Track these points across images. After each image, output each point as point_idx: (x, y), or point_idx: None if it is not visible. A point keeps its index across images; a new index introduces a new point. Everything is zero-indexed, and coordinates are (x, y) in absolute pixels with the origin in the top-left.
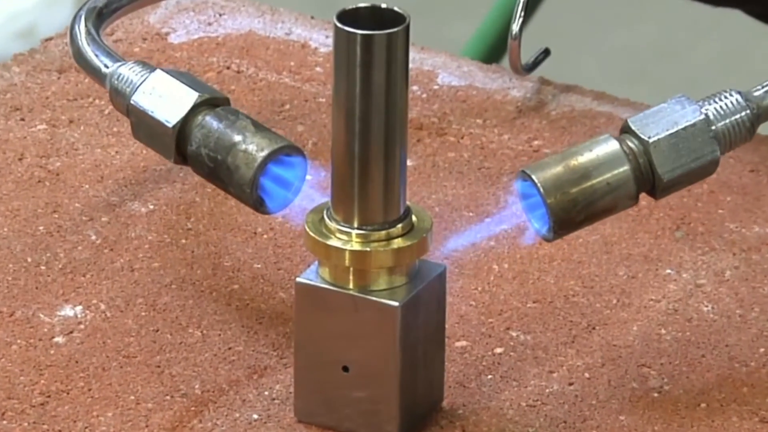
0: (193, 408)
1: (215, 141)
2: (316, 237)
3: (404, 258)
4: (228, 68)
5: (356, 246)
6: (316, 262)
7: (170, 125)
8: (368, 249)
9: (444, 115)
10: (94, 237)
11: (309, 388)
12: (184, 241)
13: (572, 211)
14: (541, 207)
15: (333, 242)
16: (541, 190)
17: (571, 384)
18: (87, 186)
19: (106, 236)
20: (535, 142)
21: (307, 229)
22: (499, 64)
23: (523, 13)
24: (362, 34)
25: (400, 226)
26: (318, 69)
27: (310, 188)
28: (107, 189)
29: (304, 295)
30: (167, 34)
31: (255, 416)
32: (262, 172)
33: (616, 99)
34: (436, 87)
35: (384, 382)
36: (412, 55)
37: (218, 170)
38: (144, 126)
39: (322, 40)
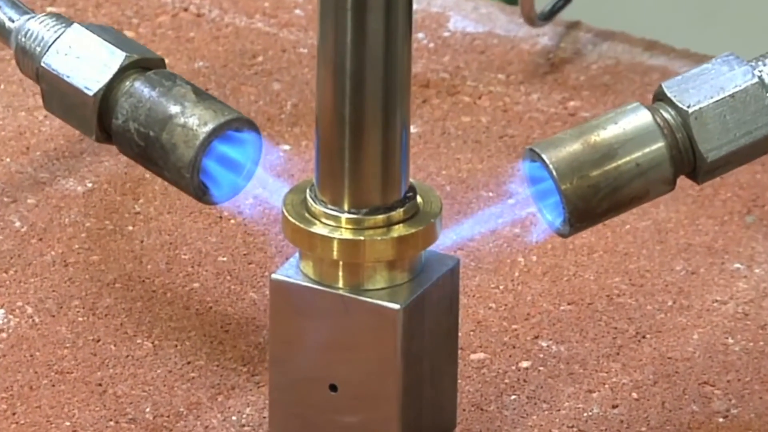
0: None
1: (147, 113)
2: (297, 223)
3: (407, 249)
4: (185, 10)
5: (347, 234)
6: (297, 255)
7: (91, 93)
8: (362, 238)
9: (457, 69)
10: (18, 223)
11: (288, 412)
12: (130, 228)
13: (593, 200)
14: (554, 194)
15: (318, 229)
16: (554, 173)
17: (615, 407)
18: (8, 159)
19: (33, 222)
20: (571, 104)
21: (286, 213)
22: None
23: None
24: None
25: (401, 209)
26: (298, 12)
27: (266, 172)
28: (34, 163)
29: (282, 296)
30: None
31: None
32: (205, 152)
33: (672, 49)
34: (446, 34)
35: (381, 405)
36: None
37: (150, 150)
38: (58, 94)
39: None
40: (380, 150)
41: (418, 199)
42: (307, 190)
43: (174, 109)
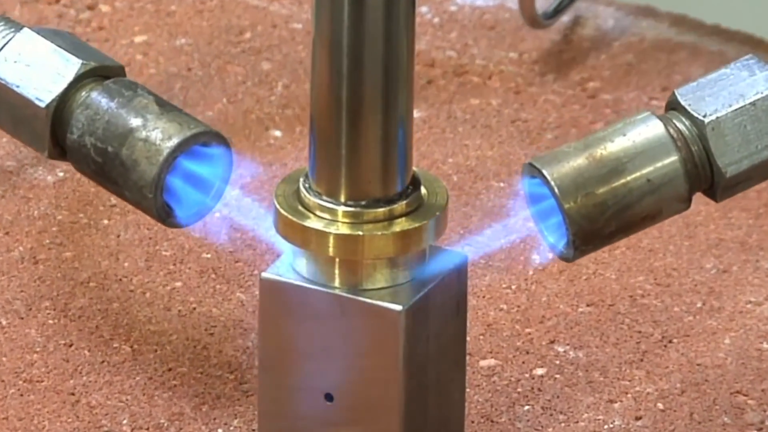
0: None
1: (105, 126)
2: (289, 216)
3: (409, 245)
4: None
5: (344, 229)
6: (289, 251)
7: (42, 105)
8: (360, 233)
9: (465, 47)
10: None
11: (279, 424)
12: (106, 221)
13: (599, 220)
14: (556, 214)
15: (312, 223)
16: (556, 190)
17: (638, 418)
18: None
19: None
20: (591, 85)
21: (277, 206)
22: None
23: None
24: None
25: (403, 201)
26: None
27: (238, 191)
28: None
29: (272, 297)
30: None
31: None
32: (169, 170)
33: (701, 25)
34: (453, 8)
35: (381, 417)
36: None
37: (109, 167)
38: (6, 106)
39: None
40: (380, 136)
41: (422, 190)
42: (301, 181)
43: (135, 121)
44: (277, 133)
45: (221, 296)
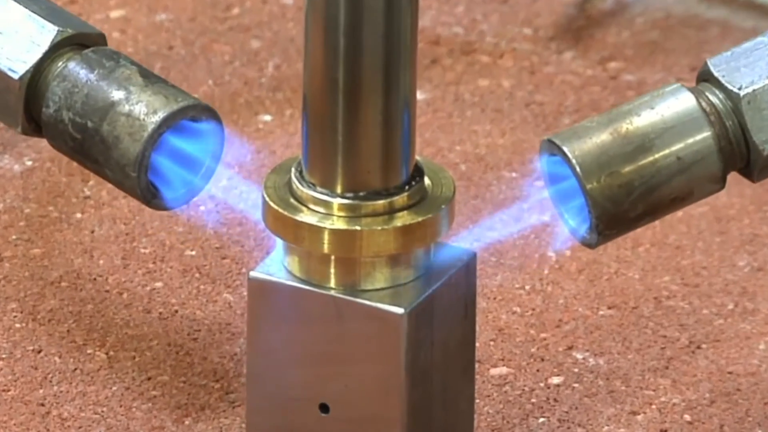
0: None
1: (84, 100)
2: (280, 210)
3: (413, 241)
4: None
5: (340, 223)
6: (280, 248)
7: (15, 76)
8: (358, 228)
9: (473, 22)
10: None
11: None
12: (79, 215)
13: (625, 202)
14: (577, 195)
15: (305, 217)
16: (578, 169)
17: (664, 431)
18: None
19: None
20: (612, 65)
21: (267, 198)
22: None
23: None
24: None
25: (405, 193)
26: None
27: (230, 170)
28: None
29: (262, 298)
30: None
31: None
32: (154, 147)
33: None
34: None
35: (381, 429)
36: None
37: (89, 144)
38: None
39: None
40: (380, 121)
41: (426, 180)
42: (293, 171)
43: (117, 94)
44: (267, 118)
45: (206, 297)
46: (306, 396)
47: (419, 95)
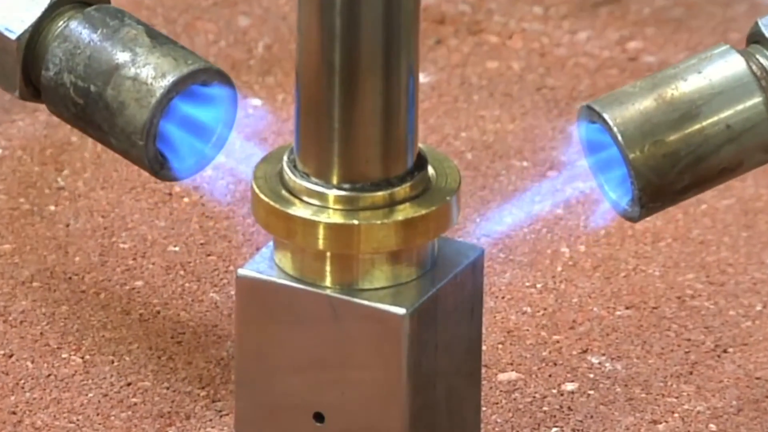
0: None
1: (86, 62)
2: (271, 202)
3: (415, 236)
4: None
5: (336, 217)
6: (271, 244)
7: (13, 36)
8: (355, 222)
9: (481, 0)
10: None
11: None
12: (53, 207)
13: (670, 173)
14: (619, 165)
15: (298, 211)
16: (620, 138)
17: None
18: None
19: None
20: (631, 45)
21: (257, 190)
22: None
23: None
24: None
25: (407, 184)
26: None
27: (243, 139)
28: None
29: (252, 298)
30: None
31: None
32: (163, 113)
33: None
34: None
35: None
36: None
37: (92, 110)
38: None
39: None
40: (380, 106)
41: (430, 170)
42: (285, 160)
43: (122, 56)
44: (257, 102)
45: (190, 297)
46: (299, 404)
47: (422, 78)
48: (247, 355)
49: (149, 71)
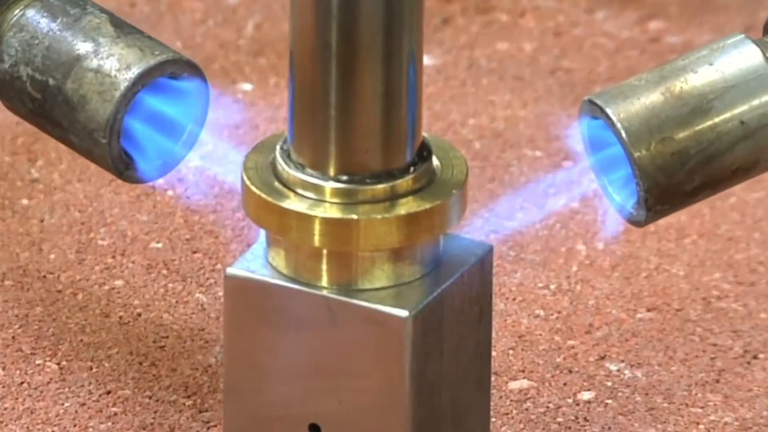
0: None
1: (45, 53)
2: (263, 195)
3: (418, 233)
4: None
5: (333, 211)
6: (262, 240)
7: None
8: (354, 216)
9: None
10: None
11: None
12: (25, 201)
13: (679, 173)
14: (623, 165)
15: (293, 204)
16: (624, 135)
17: None
18: None
19: None
20: (652, 25)
21: (247, 182)
22: None
23: None
24: None
25: (410, 176)
26: None
27: (219, 136)
28: None
29: (241, 299)
30: None
31: None
32: (128, 108)
33: None
34: None
35: None
36: None
37: (50, 105)
38: None
39: None
40: (380, 91)
41: (434, 161)
42: (278, 149)
43: (83, 47)
44: (247, 87)
45: (175, 298)
46: (293, 415)
47: (427, 61)
48: (236, 361)
49: (113, 63)
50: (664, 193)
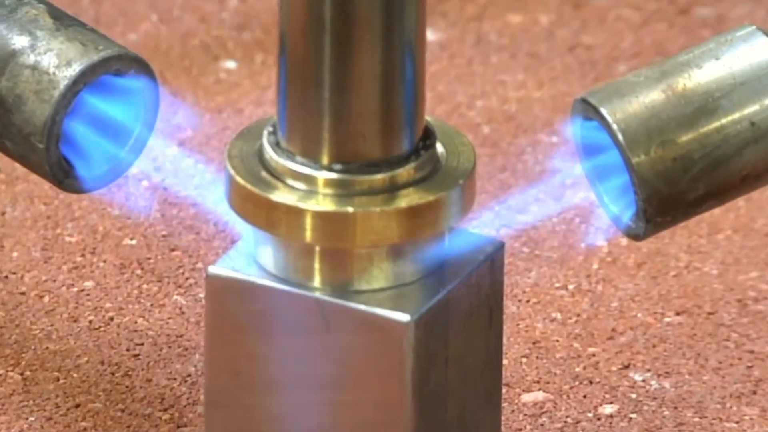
0: None
1: None
2: (249, 186)
3: (421, 227)
4: None
5: (327, 203)
6: (249, 236)
7: None
8: (350, 209)
9: None
10: None
11: None
12: None
13: (681, 180)
14: (620, 172)
15: (282, 196)
16: (620, 137)
17: None
18: None
19: None
20: None
21: (232, 171)
22: None
23: None
24: None
25: (412, 165)
26: None
27: (176, 149)
28: None
29: (225, 301)
30: None
31: None
32: (68, 109)
33: None
34: None
35: None
36: None
37: None
38: None
39: None
40: (379, 71)
41: (439, 148)
42: (265, 135)
43: (19, 41)
44: (231, 65)
45: (150, 301)
46: (282, 429)
47: (430, 35)
48: (218, 371)
49: (52, 59)
50: (665, 203)
